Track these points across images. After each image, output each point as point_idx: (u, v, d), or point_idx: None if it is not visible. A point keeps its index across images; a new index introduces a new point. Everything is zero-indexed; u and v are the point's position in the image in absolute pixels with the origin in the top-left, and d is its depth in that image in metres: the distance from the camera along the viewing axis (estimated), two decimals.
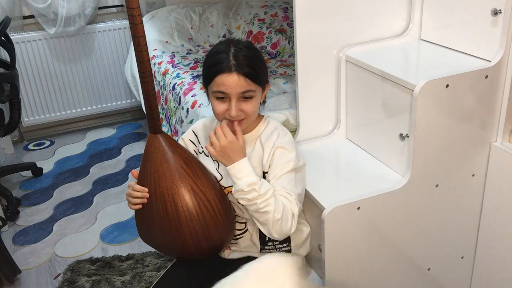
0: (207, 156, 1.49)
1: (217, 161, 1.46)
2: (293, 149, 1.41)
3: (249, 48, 1.36)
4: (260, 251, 1.52)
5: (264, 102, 1.49)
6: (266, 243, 1.50)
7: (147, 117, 1.39)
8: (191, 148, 1.53)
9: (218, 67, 1.31)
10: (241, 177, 1.31)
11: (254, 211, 1.32)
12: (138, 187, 1.38)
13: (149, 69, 1.32)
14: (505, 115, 1.54)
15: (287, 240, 1.51)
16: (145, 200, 1.37)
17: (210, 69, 1.34)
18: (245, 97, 1.33)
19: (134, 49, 1.30)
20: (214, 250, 1.44)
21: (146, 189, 1.37)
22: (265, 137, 1.43)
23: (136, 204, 1.38)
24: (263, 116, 1.48)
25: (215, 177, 1.46)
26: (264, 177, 1.40)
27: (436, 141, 1.50)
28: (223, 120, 1.35)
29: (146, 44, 1.29)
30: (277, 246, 1.50)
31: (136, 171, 1.43)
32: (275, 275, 0.88)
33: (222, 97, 1.34)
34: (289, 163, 1.38)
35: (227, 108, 1.34)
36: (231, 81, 1.30)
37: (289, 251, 1.51)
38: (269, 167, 1.39)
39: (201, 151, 1.51)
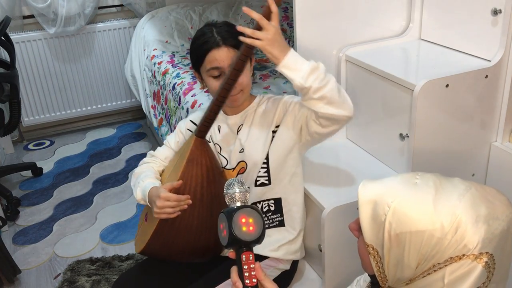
0: (209, 142, 1.50)
1: (218, 144, 1.48)
2: (289, 96, 1.48)
3: (228, 25, 1.44)
4: None
5: (253, 75, 1.52)
6: None
7: (204, 120, 1.37)
8: (188, 135, 1.53)
9: (206, 46, 1.37)
10: (303, 61, 1.26)
11: (331, 87, 1.26)
12: (181, 196, 1.34)
13: (236, 79, 1.31)
14: (505, 115, 1.53)
15: (280, 211, 1.49)
16: (185, 207, 1.35)
17: (198, 50, 1.40)
18: None
19: (238, 60, 1.27)
20: None
21: (189, 196, 1.35)
22: (264, 105, 1.48)
23: (173, 212, 1.34)
24: (256, 96, 1.52)
25: (221, 163, 1.48)
26: (274, 132, 1.43)
27: (436, 141, 1.50)
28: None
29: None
30: (269, 217, 1.49)
31: (171, 185, 1.36)
32: (495, 206, 0.89)
33: (217, 74, 1.38)
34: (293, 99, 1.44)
35: None
36: (222, 54, 1.36)
37: (281, 222, 1.49)
38: (282, 118, 1.43)
39: None
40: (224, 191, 1.00)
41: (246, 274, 0.94)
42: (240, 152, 1.46)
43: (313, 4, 1.62)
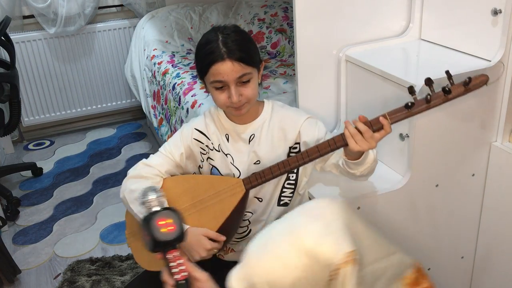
0: (218, 151, 1.46)
1: (230, 155, 1.45)
2: (307, 113, 1.48)
3: (237, 32, 1.36)
4: None
5: (260, 83, 1.49)
6: None
7: (262, 180, 1.35)
8: (194, 144, 1.46)
9: (210, 58, 1.31)
10: (366, 154, 1.32)
11: (373, 170, 1.38)
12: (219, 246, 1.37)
13: (314, 160, 1.33)
14: (505, 115, 1.53)
15: None
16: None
17: (203, 61, 1.34)
18: (242, 81, 1.33)
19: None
20: None
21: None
22: (279, 116, 1.45)
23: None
24: (263, 101, 1.48)
25: (233, 174, 1.44)
26: (290, 151, 1.43)
27: (436, 141, 1.50)
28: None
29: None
30: None
31: (215, 236, 1.35)
32: (325, 214, 0.95)
33: (221, 86, 1.33)
34: (322, 127, 1.45)
35: (228, 96, 1.34)
36: (226, 68, 1.30)
37: None
38: (305, 140, 1.43)
39: (212, 148, 1.46)
40: (140, 201, 1.03)
41: (175, 270, 1.00)
42: (255, 163, 1.43)
43: (313, 4, 1.62)
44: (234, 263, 1.49)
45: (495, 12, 1.44)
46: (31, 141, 3.55)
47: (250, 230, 1.50)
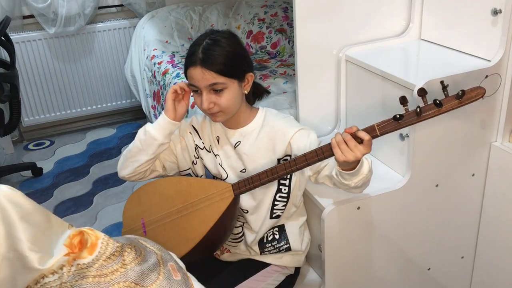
0: (209, 151, 1.47)
1: (219, 156, 1.46)
2: (300, 124, 1.46)
3: (226, 39, 1.34)
4: (260, 254, 1.52)
5: (266, 92, 1.49)
6: (265, 246, 1.51)
7: (251, 186, 1.35)
8: (190, 139, 1.48)
9: (188, 60, 1.34)
10: (361, 164, 1.27)
11: (367, 183, 1.34)
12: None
13: (300, 169, 1.33)
14: (505, 115, 1.53)
15: (285, 237, 1.51)
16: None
17: (185, 61, 1.37)
18: (215, 89, 1.32)
19: None
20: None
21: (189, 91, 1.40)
22: (269, 127, 1.43)
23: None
24: (258, 108, 1.47)
25: (221, 175, 1.45)
26: (279, 163, 1.41)
27: (436, 141, 1.50)
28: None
29: None
30: (275, 246, 1.50)
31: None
32: None
33: (196, 89, 1.35)
34: (314, 139, 1.41)
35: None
36: (197, 74, 1.31)
37: (288, 248, 1.51)
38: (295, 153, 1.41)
39: (202, 147, 1.48)
40: None
41: None
42: (241, 171, 1.44)
43: (313, 4, 1.62)
44: (229, 263, 1.52)
45: (495, 12, 1.44)
46: (31, 141, 3.55)
47: (244, 233, 1.50)
